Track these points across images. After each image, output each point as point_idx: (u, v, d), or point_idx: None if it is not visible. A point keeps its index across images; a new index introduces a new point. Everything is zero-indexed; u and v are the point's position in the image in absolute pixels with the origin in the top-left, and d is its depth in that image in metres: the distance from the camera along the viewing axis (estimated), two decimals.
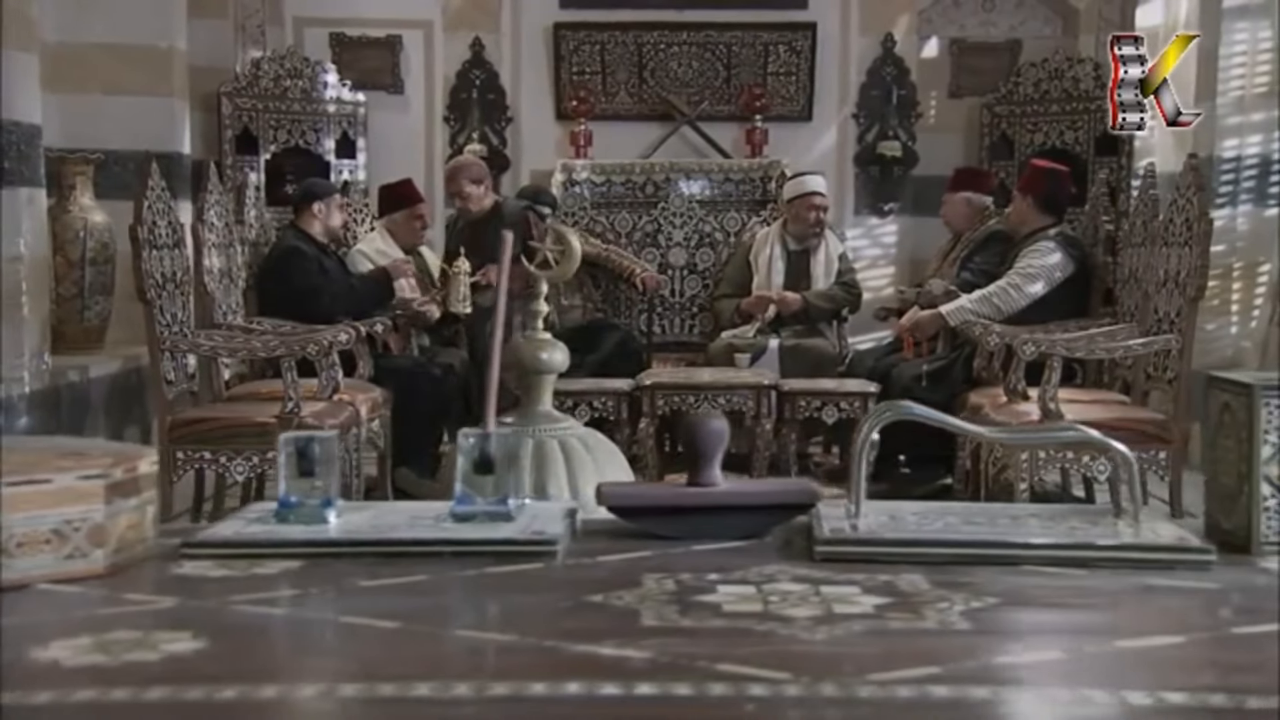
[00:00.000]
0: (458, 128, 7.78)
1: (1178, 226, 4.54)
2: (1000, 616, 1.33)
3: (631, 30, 7.71)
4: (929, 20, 7.97)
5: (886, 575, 1.43)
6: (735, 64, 7.74)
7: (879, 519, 1.65)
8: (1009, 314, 5.36)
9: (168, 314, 4.52)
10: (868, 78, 7.82)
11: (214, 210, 5.05)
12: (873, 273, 7.77)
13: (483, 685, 1.14)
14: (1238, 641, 1.30)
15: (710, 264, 7.31)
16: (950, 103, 7.93)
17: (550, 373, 2.53)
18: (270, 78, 7.36)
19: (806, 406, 5.50)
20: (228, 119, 7.23)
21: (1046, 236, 5.48)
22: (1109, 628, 1.29)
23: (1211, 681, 1.14)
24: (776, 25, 7.73)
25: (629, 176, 7.42)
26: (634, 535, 1.70)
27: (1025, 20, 7.98)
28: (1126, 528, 1.58)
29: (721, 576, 1.44)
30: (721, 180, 7.44)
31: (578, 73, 7.74)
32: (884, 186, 7.81)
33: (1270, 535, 1.57)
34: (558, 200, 7.14)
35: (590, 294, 7.01)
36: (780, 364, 6.29)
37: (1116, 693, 1.08)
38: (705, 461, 1.64)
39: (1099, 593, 1.45)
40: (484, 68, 7.80)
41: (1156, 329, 4.65)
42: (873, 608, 1.35)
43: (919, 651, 1.20)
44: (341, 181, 7.38)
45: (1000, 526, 1.62)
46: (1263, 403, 1.56)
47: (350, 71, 7.65)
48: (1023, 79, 7.61)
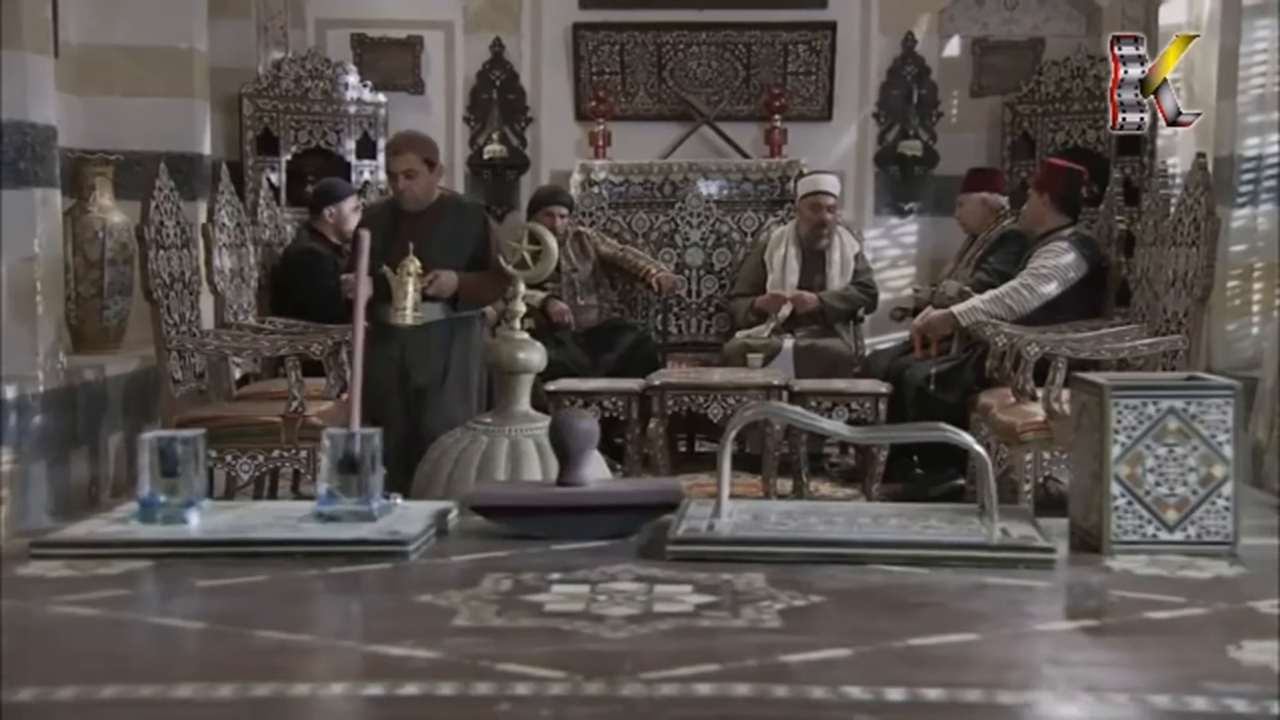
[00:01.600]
0: (478, 128, 7.81)
1: (1186, 226, 4.50)
2: (814, 615, 1.33)
3: (651, 30, 7.71)
4: (951, 19, 7.93)
5: (729, 574, 1.44)
6: (755, 64, 7.73)
7: (741, 518, 1.65)
8: (1022, 314, 5.34)
9: (175, 313, 4.57)
10: (888, 77, 7.79)
11: (225, 210, 5.08)
12: (893, 273, 7.75)
13: (247, 686, 1.14)
14: (1033, 638, 1.30)
15: (727, 264, 7.30)
16: (972, 102, 7.88)
17: (527, 372, 2.53)
18: (291, 79, 7.40)
19: (817, 407, 5.48)
20: (249, 120, 7.27)
21: (1061, 236, 5.45)
22: (914, 627, 1.29)
23: (980, 678, 1.14)
24: (796, 25, 7.71)
25: (647, 177, 7.42)
26: (507, 536, 1.70)
27: (1048, 18, 7.92)
28: (982, 527, 1.59)
29: (563, 576, 1.45)
30: (739, 180, 7.44)
31: (597, 73, 7.75)
32: (904, 186, 7.78)
33: (1120, 534, 1.57)
34: (575, 200, 7.16)
35: (607, 294, 7.02)
36: (795, 364, 6.28)
37: (874, 689, 1.09)
38: (574, 461, 1.64)
39: (929, 590, 1.47)
40: (504, 68, 7.82)
41: (1166, 330, 4.61)
42: (693, 607, 1.36)
43: (708, 650, 1.21)
44: (362, 182, 7.41)
45: (857, 526, 1.63)
46: (1112, 403, 1.56)
47: (371, 72, 7.68)
48: (1044, 78, 7.56)
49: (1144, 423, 1.56)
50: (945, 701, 1.09)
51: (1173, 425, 1.56)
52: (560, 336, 6.62)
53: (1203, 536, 1.58)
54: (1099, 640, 1.29)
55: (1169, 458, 1.57)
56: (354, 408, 1.74)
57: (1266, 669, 1.19)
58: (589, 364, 6.42)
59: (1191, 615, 1.38)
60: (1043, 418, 4.39)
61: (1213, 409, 1.57)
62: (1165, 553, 1.56)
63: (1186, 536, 1.57)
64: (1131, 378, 1.67)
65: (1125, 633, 1.33)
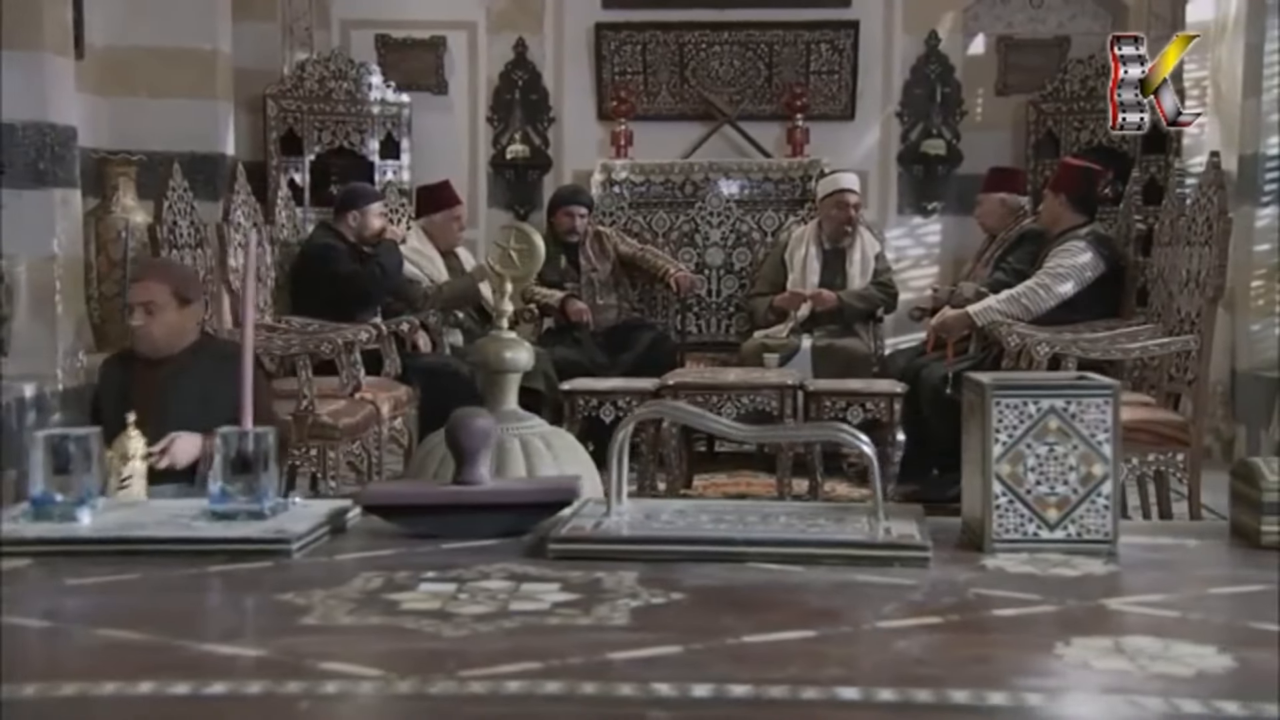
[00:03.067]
0: (500, 128, 7.83)
1: (1199, 225, 4.46)
2: (665, 613, 1.33)
3: (673, 30, 7.71)
4: (975, 17, 7.89)
5: (604, 573, 1.44)
6: (777, 63, 7.72)
7: (634, 517, 1.66)
8: (1038, 314, 5.30)
9: None
10: (911, 76, 7.77)
11: (241, 210, 5.12)
12: (916, 272, 7.72)
13: (54, 686, 1.13)
14: (866, 636, 1.30)
15: (747, 263, 7.29)
16: (997, 100, 7.84)
17: (514, 371, 2.53)
18: (315, 79, 7.44)
19: (831, 407, 5.46)
20: (273, 120, 7.32)
21: (1077, 236, 5.41)
22: (756, 624, 1.29)
23: (791, 675, 1.14)
24: (818, 24, 7.69)
25: (668, 176, 7.43)
26: (403, 535, 1.69)
27: (1074, 16, 7.87)
28: (867, 526, 1.60)
29: (437, 575, 1.44)
30: (760, 180, 7.43)
31: (619, 73, 7.76)
32: (928, 185, 7.75)
33: (1002, 533, 1.58)
34: (595, 200, 7.17)
35: (626, 294, 7.03)
36: (813, 364, 6.26)
37: (681, 685, 1.09)
38: (469, 459, 1.64)
39: (795, 588, 1.46)
40: (527, 68, 7.84)
41: (1179, 330, 4.58)
42: (550, 605, 1.35)
43: (538, 648, 1.20)
44: (385, 182, 7.45)
45: (743, 525, 1.63)
46: (993, 402, 1.56)
47: (395, 73, 7.72)
48: (1069, 76, 7.51)
49: (1025, 422, 1.58)
50: (750, 698, 1.09)
51: (1053, 424, 1.58)
52: (579, 336, 6.64)
53: (1083, 535, 1.59)
54: (930, 637, 1.30)
55: (1050, 457, 1.58)
56: (244, 408, 1.72)
57: (1084, 665, 1.19)
58: (607, 363, 6.43)
59: (1038, 613, 1.38)
60: None
61: (1092, 408, 1.58)
62: (1046, 550, 1.57)
63: (1067, 535, 1.59)
64: (1014, 377, 1.68)
65: (960, 630, 1.33)
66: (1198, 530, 2.22)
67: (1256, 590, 1.49)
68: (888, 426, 5.36)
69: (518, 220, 7.75)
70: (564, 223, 6.81)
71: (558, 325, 6.79)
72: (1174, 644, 1.24)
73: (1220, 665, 1.19)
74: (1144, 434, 4.33)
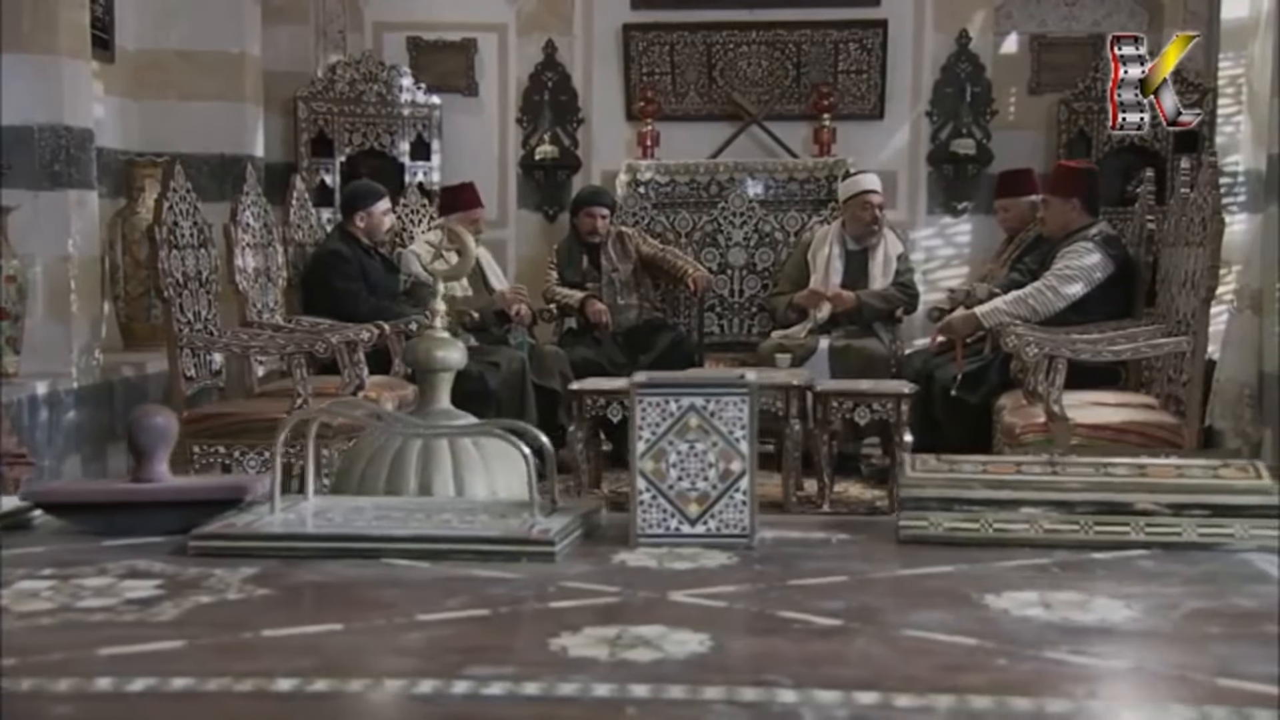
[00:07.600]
0: (530, 129, 7.88)
1: (1195, 226, 4.40)
2: (223, 609, 1.30)
3: (701, 30, 7.71)
4: (1008, 15, 7.82)
5: (225, 570, 1.44)
6: (805, 63, 7.70)
7: (302, 514, 1.67)
8: (1046, 315, 5.25)
9: (189, 312, 4.68)
10: (941, 75, 7.70)
11: (250, 211, 5.20)
12: (946, 272, 7.66)
13: None
14: (398, 629, 1.28)
15: (770, 264, 7.28)
16: (1030, 99, 7.76)
17: (446, 370, 2.55)
18: (346, 81, 7.53)
19: (839, 407, 5.44)
20: (304, 123, 7.42)
21: (1085, 237, 5.36)
22: (301, 618, 1.28)
23: (299, 668, 1.12)
24: (847, 23, 7.66)
25: (693, 176, 7.44)
26: (79, 533, 1.68)
27: (1109, 14, 7.77)
28: (521, 522, 1.61)
29: (54, 572, 1.43)
30: (785, 180, 7.41)
31: (647, 73, 7.77)
32: (957, 185, 7.68)
33: (646, 528, 1.59)
34: (620, 200, 7.20)
35: (648, 294, 7.05)
36: (830, 364, 6.26)
37: (160, 679, 1.09)
38: (145, 457, 1.66)
39: (396, 584, 1.45)
40: (556, 69, 7.88)
41: (1179, 330, 4.52)
42: (124, 601, 1.34)
43: (48, 643, 1.20)
44: (415, 183, 7.52)
45: (412, 522, 1.64)
46: (638, 400, 1.58)
47: (426, 74, 7.79)
48: (1102, 74, 7.40)
49: (667, 419, 1.59)
50: (187, 690, 1.08)
51: (694, 422, 1.59)
52: (598, 336, 6.68)
53: (722, 529, 1.61)
54: (469, 630, 1.27)
55: (690, 453, 1.59)
56: None
57: (561, 651, 1.18)
58: (626, 363, 6.45)
59: (591, 605, 1.36)
60: (1043, 420, 4.32)
61: (730, 406, 1.60)
62: (687, 545, 1.58)
63: (707, 529, 1.61)
64: (660, 376, 1.68)
65: (506, 624, 1.32)
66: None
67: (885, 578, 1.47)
68: (895, 427, 5.34)
69: (547, 220, 7.82)
70: (586, 224, 6.87)
71: (578, 325, 6.83)
72: (683, 633, 1.22)
73: (694, 650, 1.18)
74: (1133, 435, 4.29)
